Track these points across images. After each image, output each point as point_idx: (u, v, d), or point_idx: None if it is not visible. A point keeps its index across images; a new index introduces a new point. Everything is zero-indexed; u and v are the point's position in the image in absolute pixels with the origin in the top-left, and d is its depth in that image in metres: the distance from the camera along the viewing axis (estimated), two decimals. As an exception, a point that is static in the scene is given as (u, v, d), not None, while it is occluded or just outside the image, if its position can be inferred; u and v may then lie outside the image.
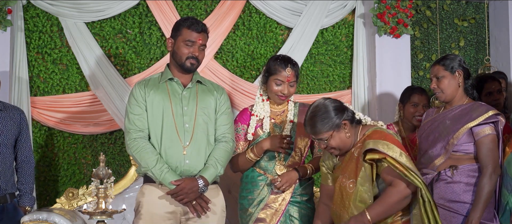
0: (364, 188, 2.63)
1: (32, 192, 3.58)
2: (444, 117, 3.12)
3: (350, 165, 2.73)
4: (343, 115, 2.74)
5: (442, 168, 3.05)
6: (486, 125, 2.98)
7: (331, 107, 2.74)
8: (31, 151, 3.58)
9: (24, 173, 3.53)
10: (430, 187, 3.06)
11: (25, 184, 3.53)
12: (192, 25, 3.01)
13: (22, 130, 3.52)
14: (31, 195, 3.56)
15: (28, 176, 3.53)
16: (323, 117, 2.72)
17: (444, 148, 3.05)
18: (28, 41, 4.14)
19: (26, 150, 3.54)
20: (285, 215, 3.17)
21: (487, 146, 2.97)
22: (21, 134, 3.52)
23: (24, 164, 3.53)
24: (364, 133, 2.76)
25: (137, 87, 3.03)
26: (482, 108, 3.03)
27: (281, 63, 3.18)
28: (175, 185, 2.88)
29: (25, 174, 3.53)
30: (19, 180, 3.54)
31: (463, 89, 3.12)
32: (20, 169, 3.53)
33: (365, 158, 2.64)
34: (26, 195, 3.53)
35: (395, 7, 4.26)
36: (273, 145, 3.13)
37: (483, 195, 2.92)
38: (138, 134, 2.95)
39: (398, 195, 2.55)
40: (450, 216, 3.00)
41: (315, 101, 2.82)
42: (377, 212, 2.58)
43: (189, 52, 2.99)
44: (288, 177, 3.15)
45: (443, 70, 3.09)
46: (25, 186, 3.53)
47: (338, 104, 2.78)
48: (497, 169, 2.97)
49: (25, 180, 3.53)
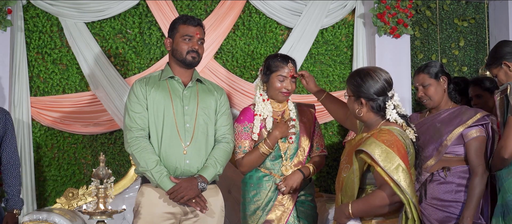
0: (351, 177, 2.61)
1: (19, 194, 3.47)
2: (433, 120, 3.19)
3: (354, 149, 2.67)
4: (368, 95, 2.63)
5: (434, 169, 3.12)
6: (474, 127, 3.07)
7: (372, 82, 2.63)
8: (16, 153, 3.48)
9: (10, 175, 3.43)
10: (423, 188, 3.12)
11: (11, 186, 3.43)
12: (188, 20, 3.04)
13: (7, 130, 3.44)
14: (18, 197, 3.45)
15: (14, 178, 3.43)
16: (357, 81, 2.66)
17: (436, 150, 3.11)
18: (28, 41, 4.15)
19: (11, 151, 3.45)
20: (293, 215, 3.18)
21: (476, 147, 3.05)
22: (6, 135, 3.43)
23: (9, 165, 3.44)
24: (378, 127, 2.64)
25: (138, 85, 3.02)
26: (470, 111, 3.13)
27: (282, 60, 3.23)
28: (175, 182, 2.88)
29: (11, 176, 3.43)
30: (5, 183, 3.44)
31: (447, 94, 3.22)
32: (5, 171, 3.44)
33: (360, 155, 2.59)
34: (13, 198, 3.42)
35: (395, 7, 4.26)
36: (284, 132, 3.19)
37: (475, 194, 3.00)
38: (139, 132, 2.94)
39: (382, 201, 2.53)
40: (443, 215, 3.06)
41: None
42: (359, 209, 2.57)
43: (189, 47, 3.00)
44: (292, 180, 3.16)
45: (429, 78, 3.19)
46: (12, 188, 3.43)
47: (382, 87, 2.64)
48: (486, 169, 3.05)
49: (12, 182, 3.43)
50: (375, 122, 2.68)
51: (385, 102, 2.65)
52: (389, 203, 2.52)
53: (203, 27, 3.09)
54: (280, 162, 3.23)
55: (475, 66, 4.85)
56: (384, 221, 2.60)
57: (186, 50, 3.00)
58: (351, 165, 2.62)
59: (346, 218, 2.60)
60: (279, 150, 3.23)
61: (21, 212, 3.56)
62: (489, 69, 3.20)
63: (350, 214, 2.58)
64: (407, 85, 4.34)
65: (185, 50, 3.00)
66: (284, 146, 3.23)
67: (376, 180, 2.58)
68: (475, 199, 2.99)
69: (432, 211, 3.07)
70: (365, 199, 2.58)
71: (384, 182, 2.51)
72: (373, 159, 2.51)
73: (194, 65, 3.06)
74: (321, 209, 3.77)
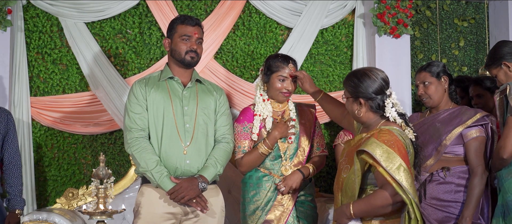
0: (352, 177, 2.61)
1: (21, 194, 3.51)
2: (433, 119, 3.20)
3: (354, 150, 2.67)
4: (366, 95, 2.64)
5: (433, 169, 3.13)
6: (474, 127, 3.08)
7: (369, 81, 2.64)
8: (18, 153, 3.52)
9: (11, 175, 3.47)
10: (423, 188, 3.13)
11: (13, 186, 3.46)
12: (186, 20, 3.04)
13: (8, 130, 3.46)
14: (20, 197, 3.49)
15: (15, 178, 3.47)
16: (355, 81, 2.66)
17: (435, 149, 3.12)
18: (28, 41, 4.15)
19: (13, 151, 3.48)
20: (292, 215, 3.18)
21: (475, 148, 3.06)
22: (8, 135, 3.46)
23: (11, 165, 3.47)
24: (378, 127, 2.65)
25: (138, 85, 3.02)
26: (470, 111, 3.14)
27: (282, 60, 3.23)
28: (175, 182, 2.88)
29: (12, 176, 3.47)
30: (7, 183, 3.48)
31: (448, 95, 3.23)
32: (7, 171, 3.47)
33: (361, 156, 2.60)
34: (15, 198, 3.46)
35: (395, 7, 4.25)
36: (283, 132, 3.19)
37: (474, 194, 3.01)
38: (139, 133, 2.95)
39: (384, 201, 2.53)
40: (443, 215, 3.07)
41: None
42: (361, 209, 2.57)
43: (187, 47, 3.00)
44: (291, 181, 3.16)
45: (430, 77, 3.21)
46: (14, 188, 3.46)
47: (379, 85, 2.65)
48: (486, 169, 3.06)
49: (13, 182, 3.46)
50: (374, 122, 2.69)
51: (384, 100, 2.66)
52: (391, 203, 2.53)
53: (201, 27, 3.09)
54: (280, 162, 3.23)
55: (475, 66, 4.85)
56: (384, 221, 2.60)
57: (184, 50, 3.00)
58: (351, 165, 2.62)
59: (347, 218, 2.60)
60: (278, 150, 3.23)
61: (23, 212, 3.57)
62: (488, 69, 3.21)
63: (352, 214, 2.58)
64: (407, 85, 4.34)
65: (184, 50, 3.00)
66: (284, 146, 3.23)
67: (377, 180, 2.58)
68: (474, 199, 3.00)
69: (431, 211, 3.08)
70: (367, 199, 2.58)
71: (386, 182, 2.51)
72: (375, 159, 2.51)
73: (193, 65, 3.06)
74: (321, 209, 3.77)
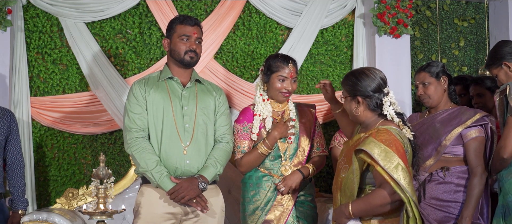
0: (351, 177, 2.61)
1: (24, 194, 3.52)
2: (433, 120, 3.21)
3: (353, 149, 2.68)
4: (364, 93, 2.66)
5: (433, 169, 3.13)
6: (474, 127, 3.08)
7: (368, 79, 2.66)
8: (21, 153, 3.52)
9: (14, 176, 3.47)
10: (422, 188, 3.13)
11: (16, 187, 3.47)
12: (185, 20, 3.04)
13: (11, 131, 3.47)
14: (23, 197, 3.50)
15: (18, 178, 3.48)
16: (353, 80, 2.68)
17: (435, 150, 3.13)
18: (28, 41, 4.15)
19: (16, 152, 3.49)
20: (292, 216, 3.18)
21: (475, 148, 3.07)
22: (11, 135, 3.47)
23: (14, 166, 3.48)
24: (376, 127, 2.66)
25: (137, 85, 3.02)
26: (470, 111, 3.14)
27: (282, 60, 3.23)
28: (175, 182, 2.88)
29: (15, 176, 3.47)
30: (10, 183, 3.48)
31: (447, 95, 3.24)
32: (10, 171, 3.48)
33: (359, 155, 2.60)
34: (18, 198, 3.47)
35: (395, 7, 4.25)
36: (282, 132, 3.19)
37: (474, 194, 3.01)
38: (139, 133, 2.95)
39: (382, 200, 2.53)
40: (442, 215, 3.07)
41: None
42: (359, 209, 2.57)
43: (187, 47, 3.01)
44: (291, 181, 3.16)
45: (429, 77, 3.22)
46: (17, 188, 3.47)
47: (377, 84, 2.67)
48: (486, 169, 3.07)
49: (16, 182, 3.47)
50: (372, 121, 2.70)
51: (381, 99, 2.67)
52: (390, 201, 2.53)
53: (200, 26, 3.09)
54: (280, 162, 3.23)
55: (475, 66, 4.85)
56: (383, 220, 2.61)
57: (184, 50, 3.00)
58: (350, 165, 2.62)
59: (346, 218, 2.61)
60: (278, 150, 3.23)
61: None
62: (489, 69, 3.21)
63: (350, 214, 2.58)
64: (407, 85, 4.34)
65: (183, 50, 3.00)
66: (284, 146, 3.23)
67: (375, 179, 2.59)
68: (474, 199, 3.00)
69: (431, 211, 3.08)
70: (365, 198, 2.59)
71: (384, 181, 2.52)
72: (373, 158, 2.52)
73: (192, 65, 3.06)
74: (321, 209, 3.77)
